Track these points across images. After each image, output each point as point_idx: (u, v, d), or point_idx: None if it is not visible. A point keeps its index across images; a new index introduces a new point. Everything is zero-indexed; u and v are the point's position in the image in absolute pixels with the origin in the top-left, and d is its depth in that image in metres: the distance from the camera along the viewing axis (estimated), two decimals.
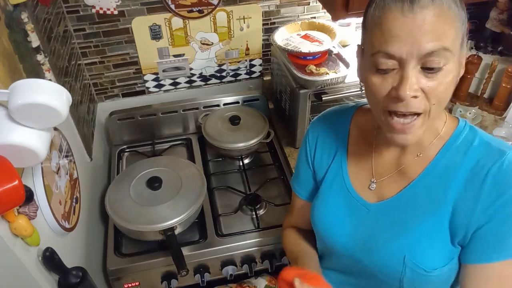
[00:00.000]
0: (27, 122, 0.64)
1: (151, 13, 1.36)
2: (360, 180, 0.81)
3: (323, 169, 0.86)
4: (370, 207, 0.78)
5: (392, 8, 0.59)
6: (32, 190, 0.77)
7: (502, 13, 1.49)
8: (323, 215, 0.84)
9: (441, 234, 0.71)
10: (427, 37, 0.57)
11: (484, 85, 1.54)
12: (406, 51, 0.58)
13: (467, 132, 0.72)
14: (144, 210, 1.11)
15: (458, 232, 0.69)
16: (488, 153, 0.68)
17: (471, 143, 0.70)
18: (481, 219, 0.67)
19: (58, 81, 1.05)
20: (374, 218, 0.78)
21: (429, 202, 0.72)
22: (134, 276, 1.14)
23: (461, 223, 0.69)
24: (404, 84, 0.60)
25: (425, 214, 0.72)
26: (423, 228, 0.72)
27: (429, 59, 0.58)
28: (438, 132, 0.73)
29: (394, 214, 0.75)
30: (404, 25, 0.58)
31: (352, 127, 0.84)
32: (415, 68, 0.60)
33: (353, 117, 0.85)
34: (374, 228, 0.77)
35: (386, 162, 0.78)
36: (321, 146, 0.87)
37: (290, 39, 1.36)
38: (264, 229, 1.20)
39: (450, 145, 0.71)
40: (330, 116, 0.89)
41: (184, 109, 1.51)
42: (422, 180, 0.73)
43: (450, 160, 0.71)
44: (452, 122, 0.74)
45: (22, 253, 0.71)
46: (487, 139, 0.70)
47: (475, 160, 0.68)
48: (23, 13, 0.90)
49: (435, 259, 0.71)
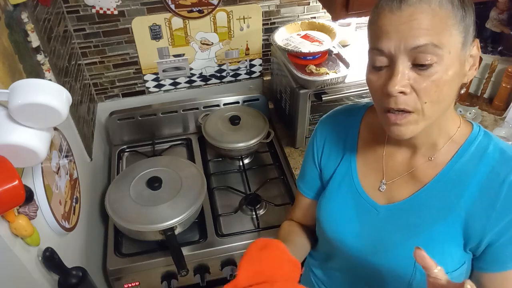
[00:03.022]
0: (27, 122, 0.64)
1: (151, 13, 1.36)
2: (370, 181, 0.80)
3: (331, 169, 0.85)
4: (380, 209, 0.78)
5: (384, 7, 0.62)
6: (32, 190, 0.77)
7: (502, 13, 1.49)
8: (331, 215, 0.84)
9: (452, 239, 0.70)
10: (414, 32, 0.59)
11: (484, 85, 1.54)
12: (394, 46, 0.60)
13: (481, 138, 0.71)
14: (144, 210, 1.11)
15: (472, 238, 0.69)
16: (503, 160, 0.68)
17: (485, 149, 0.69)
18: (497, 228, 0.67)
19: (58, 81, 1.05)
20: (383, 220, 0.77)
21: (441, 207, 0.71)
22: (134, 276, 1.14)
23: (476, 229, 0.68)
24: (392, 80, 0.61)
25: (437, 218, 0.71)
26: (434, 233, 0.71)
27: (419, 55, 0.59)
28: (450, 136, 0.72)
29: (405, 217, 0.75)
30: (392, 21, 0.60)
31: (362, 127, 0.83)
32: (405, 64, 0.61)
33: (363, 116, 0.84)
34: (384, 230, 0.77)
35: (397, 164, 0.78)
36: (329, 145, 0.86)
37: (290, 39, 1.36)
38: (264, 229, 1.20)
39: (464, 151, 0.71)
40: (339, 115, 0.88)
41: (184, 109, 1.51)
42: (435, 184, 0.72)
43: (464, 166, 0.70)
44: (466, 127, 0.73)
45: (22, 253, 0.71)
46: (501, 145, 0.70)
47: (490, 167, 0.68)
48: (23, 13, 0.90)
49: (445, 263, 0.70)
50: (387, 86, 0.61)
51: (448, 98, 0.64)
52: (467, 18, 0.62)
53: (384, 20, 0.61)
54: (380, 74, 0.64)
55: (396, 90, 0.61)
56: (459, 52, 0.62)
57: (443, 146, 0.72)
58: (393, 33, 0.60)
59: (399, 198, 0.76)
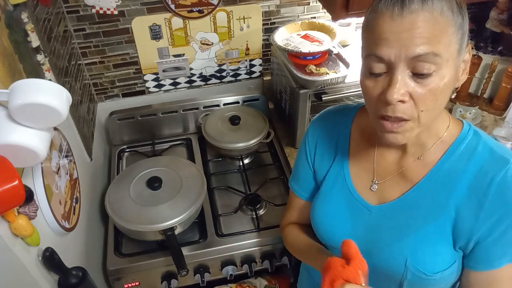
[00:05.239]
0: (27, 122, 0.64)
1: (151, 13, 1.36)
2: (362, 181, 0.81)
3: (324, 169, 0.86)
4: (372, 209, 0.78)
5: (383, 12, 0.59)
6: (32, 190, 0.77)
7: (502, 13, 1.49)
8: (324, 216, 0.84)
9: (443, 238, 0.71)
10: (416, 40, 0.57)
11: (484, 85, 1.54)
12: (394, 54, 0.59)
13: (471, 137, 0.71)
14: (144, 210, 1.11)
15: (461, 237, 0.70)
16: (492, 160, 0.68)
17: (475, 149, 0.70)
18: (484, 228, 0.67)
19: (58, 81, 1.05)
20: (375, 220, 0.78)
21: (431, 207, 0.72)
22: (134, 276, 1.14)
23: (464, 228, 0.69)
24: (391, 88, 0.60)
25: (427, 218, 0.72)
26: (425, 232, 0.72)
27: (418, 64, 0.58)
28: (439, 136, 0.72)
29: (396, 217, 0.75)
30: (393, 28, 0.58)
31: (353, 127, 0.84)
32: (404, 72, 0.60)
33: (355, 117, 0.84)
34: (376, 230, 0.77)
35: (388, 164, 0.78)
36: (321, 146, 0.87)
37: (290, 39, 1.36)
38: (264, 229, 1.20)
39: (453, 150, 0.71)
40: (331, 116, 0.88)
41: (184, 109, 1.51)
42: (424, 184, 0.73)
43: (453, 165, 0.70)
44: (456, 127, 0.73)
45: (22, 253, 0.71)
46: (491, 144, 0.70)
47: (479, 166, 0.68)
48: (23, 13, 0.90)
49: (436, 263, 0.71)
50: (386, 94, 0.61)
51: (442, 105, 0.65)
52: (465, 25, 0.62)
53: (384, 26, 0.59)
54: (377, 81, 0.63)
55: (395, 99, 0.60)
56: (455, 59, 0.62)
57: (432, 146, 0.72)
58: (394, 41, 0.58)
59: (390, 198, 0.77)
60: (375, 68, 0.62)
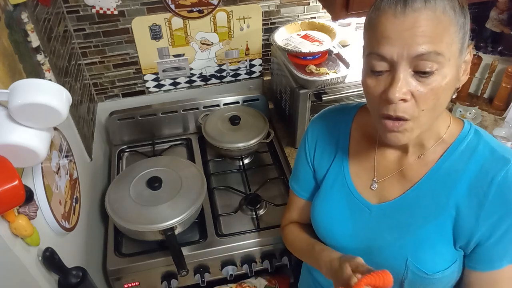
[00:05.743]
0: (27, 122, 0.64)
1: (151, 13, 1.36)
2: (362, 180, 0.81)
3: (324, 169, 0.86)
4: (372, 208, 0.78)
5: (386, 10, 0.59)
6: (32, 190, 0.77)
7: (502, 13, 1.49)
8: (324, 215, 0.84)
9: (443, 238, 0.71)
10: (418, 39, 0.57)
11: (484, 85, 1.54)
12: (396, 53, 0.59)
13: (471, 136, 0.71)
14: (144, 210, 1.11)
15: (461, 236, 0.70)
16: (493, 159, 0.68)
17: (475, 148, 0.70)
18: (485, 228, 0.67)
19: (58, 81, 1.05)
20: (376, 219, 0.78)
21: (432, 206, 0.72)
22: (134, 276, 1.14)
23: (465, 227, 0.69)
24: (393, 86, 0.60)
25: (427, 217, 0.72)
26: (425, 232, 0.72)
27: (421, 62, 0.58)
28: (440, 136, 0.72)
29: (397, 217, 0.75)
30: (396, 26, 0.58)
31: (354, 127, 0.84)
32: (407, 71, 0.60)
33: (355, 116, 0.84)
34: (376, 230, 0.77)
35: (389, 162, 0.78)
36: (321, 145, 0.87)
37: (290, 39, 1.36)
38: (264, 229, 1.20)
39: (453, 150, 0.71)
40: (330, 115, 0.88)
41: (184, 109, 1.51)
42: (424, 183, 0.73)
43: (454, 165, 0.70)
44: (457, 126, 0.73)
45: (22, 253, 0.71)
46: (492, 144, 0.70)
47: (479, 165, 0.68)
48: (23, 13, 0.90)
49: (437, 263, 0.71)
50: (388, 92, 0.61)
51: (443, 105, 0.65)
52: (466, 25, 0.62)
53: (386, 24, 0.59)
54: (379, 79, 0.63)
55: (397, 97, 0.60)
56: (457, 59, 0.62)
57: (432, 145, 0.72)
58: (396, 39, 0.58)
59: (390, 197, 0.77)
60: (377, 67, 0.62)
